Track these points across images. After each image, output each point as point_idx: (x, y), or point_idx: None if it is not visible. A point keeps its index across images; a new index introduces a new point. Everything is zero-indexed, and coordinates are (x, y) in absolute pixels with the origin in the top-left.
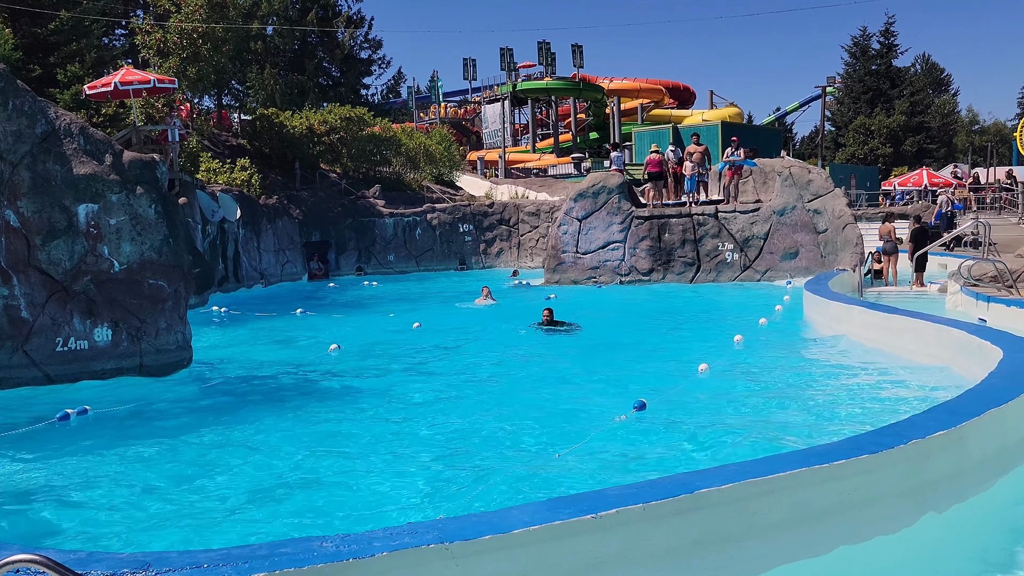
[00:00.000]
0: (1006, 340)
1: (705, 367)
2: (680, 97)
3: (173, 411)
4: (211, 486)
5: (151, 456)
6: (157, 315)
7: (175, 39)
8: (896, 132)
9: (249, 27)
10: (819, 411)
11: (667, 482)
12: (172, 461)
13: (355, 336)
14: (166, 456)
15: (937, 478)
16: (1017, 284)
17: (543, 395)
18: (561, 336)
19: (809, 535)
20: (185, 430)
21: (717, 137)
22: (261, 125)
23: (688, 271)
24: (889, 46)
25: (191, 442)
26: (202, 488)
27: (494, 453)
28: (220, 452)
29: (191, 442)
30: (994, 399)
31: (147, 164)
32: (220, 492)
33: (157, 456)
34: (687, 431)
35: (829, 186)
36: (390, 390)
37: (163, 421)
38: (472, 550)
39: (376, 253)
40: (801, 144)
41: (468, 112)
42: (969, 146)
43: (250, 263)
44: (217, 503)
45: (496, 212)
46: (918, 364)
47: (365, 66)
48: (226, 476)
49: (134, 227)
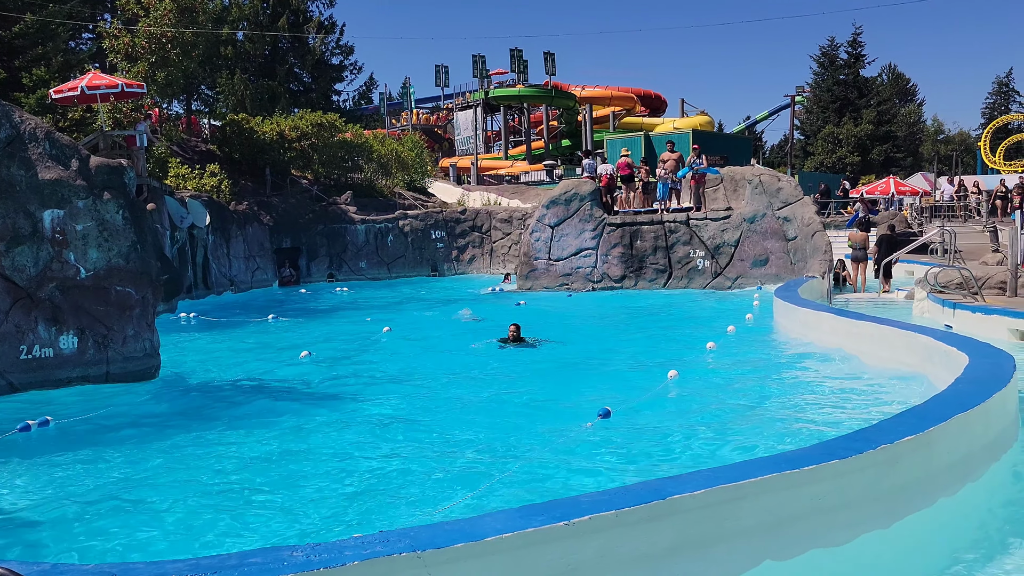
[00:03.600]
0: (972, 346)
1: (674, 373)
2: (651, 105)
3: (140, 420)
4: (178, 496)
5: (116, 466)
6: (124, 322)
7: (144, 43)
8: (864, 141)
9: (219, 32)
10: (789, 417)
11: (640, 488)
12: (138, 471)
13: (326, 342)
14: (132, 466)
15: (906, 482)
16: (982, 291)
17: (511, 402)
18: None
19: (781, 540)
20: (152, 439)
21: (688, 145)
22: (231, 130)
23: (660, 278)
24: (856, 56)
25: (158, 451)
26: (169, 498)
27: (463, 460)
28: (188, 461)
29: (158, 451)
30: (961, 404)
31: (114, 169)
32: (188, 502)
33: (122, 466)
34: (657, 437)
35: (798, 194)
36: (361, 397)
37: (130, 430)
38: (444, 558)
39: (348, 260)
40: (771, 152)
41: (440, 119)
42: (935, 155)
43: (220, 270)
44: (185, 513)
45: (468, 219)
46: (886, 370)
47: (336, 72)
48: (194, 485)
49: (101, 233)
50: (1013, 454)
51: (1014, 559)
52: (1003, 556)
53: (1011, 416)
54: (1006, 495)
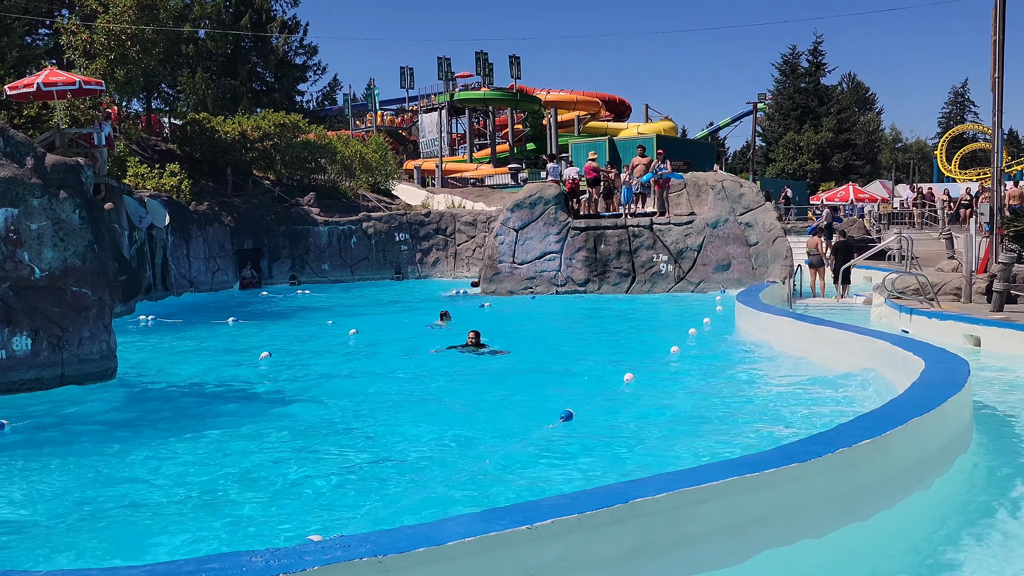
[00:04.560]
0: (928, 351)
1: (630, 376)
2: (616, 110)
3: (95, 423)
4: (134, 500)
5: (71, 470)
6: (80, 324)
7: (102, 40)
8: (824, 148)
9: (180, 30)
10: (749, 420)
11: (602, 492)
12: (93, 475)
13: (287, 344)
14: (87, 470)
15: (864, 485)
16: (938, 297)
17: (473, 406)
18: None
19: (741, 542)
20: (108, 442)
21: (653, 150)
22: (192, 130)
23: (623, 282)
24: (817, 64)
25: (114, 455)
26: (125, 503)
27: (424, 464)
28: (144, 465)
29: (114, 455)
30: (917, 408)
31: (71, 168)
32: (144, 507)
33: (77, 470)
34: (620, 440)
35: (760, 200)
36: (320, 400)
37: (85, 434)
38: (406, 563)
39: (310, 262)
40: (733, 158)
41: (405, 121)
42: (893, 163)
43: (179, 270)
44: (140, 518)
45: (433, 221)
46: (845, 374)
47: (300, 72)
48: (150, 490)
49: (57, 232)
50: (968, 457)
51: (969, 560)
52: (958, 557)
53: (965, 420)
54: (961, 497)
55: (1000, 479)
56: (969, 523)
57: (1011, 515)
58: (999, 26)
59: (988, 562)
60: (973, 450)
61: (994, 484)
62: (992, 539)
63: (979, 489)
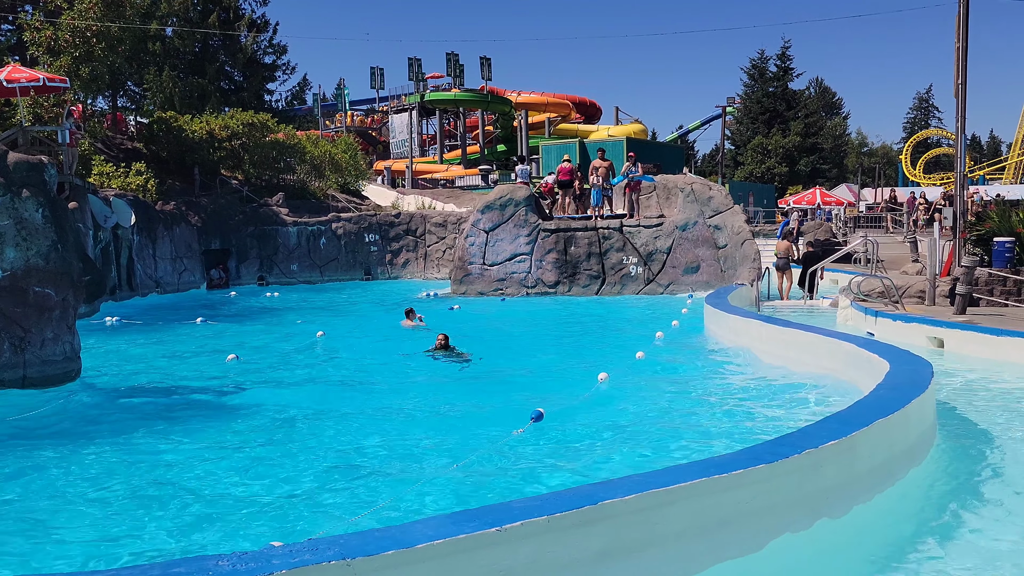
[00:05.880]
0: (893, 353)
1: (604, 376)
2: (587, 112)
3: (58, 426)
4: (97, 503)
5: (33, 473)
6: (43, 324)
7: (67, 37)
8: (791, 152)
9: (147, 27)
10: (717, 422)
11: (571, 494)
12: (56, 478)
13: (254, 346)
14: (50, 473)
15: (830, 486)
16: (903, 299)
17: (442, 408)
18: (460, 349)
19: (709, 543)
20: (71, 445)
21: (623, 152)
22: (158, 128)
23: (593, 284)
24: (785, 69)
25: (77, 458)
26: (90, 505)
27: (393, 467)
28: (108, 467)
29: (77, 458)
30: (882, 409)
31: (34, 166)
32: (109, 509)
33: (40, 473)
34: (589, 441)
35: (729, 203)
36: (287, 402)
37: (47, 436)
38: (375, 566)
39: (279, 262)
40: (702, 161)
41: (375, 121)
42: (859, 167)
43: (145, 271)
44: (104, 521)
45: (403, 222)
46: (811, 375)
47: (269, 71)
48: (114, 492)
49: (19, 232)
50: (932, 458)
51: (931, 560)
52: (920, 556)
53: (929, 421)
54: (924, 498)
55: (963, 478)
56: (934, 520)
57: (973, 512)
58: (962, 33)
59: (952, 557)
60: (937, 450)
61: (958, 483)
62: (957, 535)
63: (943, 488)
